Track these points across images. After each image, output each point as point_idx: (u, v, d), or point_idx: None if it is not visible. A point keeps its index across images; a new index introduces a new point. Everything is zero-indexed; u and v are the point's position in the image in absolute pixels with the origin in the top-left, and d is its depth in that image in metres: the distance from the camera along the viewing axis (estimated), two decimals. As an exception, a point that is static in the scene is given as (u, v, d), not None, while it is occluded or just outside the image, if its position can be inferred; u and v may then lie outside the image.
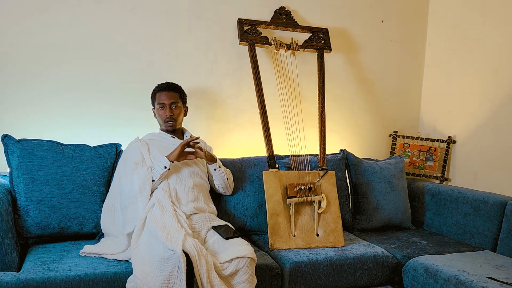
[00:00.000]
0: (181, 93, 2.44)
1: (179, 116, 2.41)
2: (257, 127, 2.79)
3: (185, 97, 2.48)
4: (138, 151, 2.30)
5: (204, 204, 2.27)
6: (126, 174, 2.22)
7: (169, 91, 2.39)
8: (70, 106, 2.61)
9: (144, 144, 2.33)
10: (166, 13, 2.76)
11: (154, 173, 2.18)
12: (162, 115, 2.37)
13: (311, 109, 3.02)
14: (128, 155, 2.32)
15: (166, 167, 2.18)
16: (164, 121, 2.38)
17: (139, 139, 2.38)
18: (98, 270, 1.93)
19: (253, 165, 2.68)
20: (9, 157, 2.24)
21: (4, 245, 1.93)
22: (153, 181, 2.17)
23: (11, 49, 2.48)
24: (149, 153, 2.30)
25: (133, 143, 2.37)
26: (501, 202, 2.58)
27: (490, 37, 2.95)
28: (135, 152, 2.31)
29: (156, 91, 2.42)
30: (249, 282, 1.91)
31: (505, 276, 2.07)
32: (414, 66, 3.43)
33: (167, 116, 2.36)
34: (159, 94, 2.39)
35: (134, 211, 2.13)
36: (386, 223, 2.89)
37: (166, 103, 2.36)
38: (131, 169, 2.22)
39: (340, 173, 2.85)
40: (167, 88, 2.40)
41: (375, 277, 2.36)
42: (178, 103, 2.39)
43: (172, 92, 2.39)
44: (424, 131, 3.45)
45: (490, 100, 2.95)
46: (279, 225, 2.43)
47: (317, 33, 2.99)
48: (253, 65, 2.75)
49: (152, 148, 2.32)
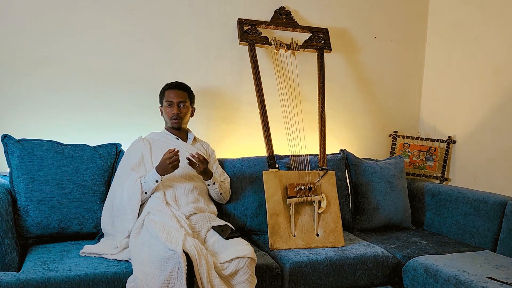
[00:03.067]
0: (189, 93, 2.46)
1: (186, 116, 2.43)
2: (257, 127, 2.79)
3: (193, 98, 2.50)
4: (139, 151, 2.30)
5: (204, 205, 2.28)
6: (120, 180, 2.21)
7: (178, 89, 2.41)
8: (70, 106, 2.61)
9: (146, 143, 2.33)
10: (166, 13, 2.76)
11: (145, 186, 2.14)
12: (169, 113, 2.38)
13: (311, 109, 3.02)
14: (128, 157, 2.32)
15: (157, 181, 2.15)
16: (170, 118, 2.39)
17: (142, 138, 2.38)
18: (98, 270, 1.93)
19: (253, 165, 2.68)
20: (9, 157, 2.24)
21: (4, 245, 1.93)
22: (146, 193, 2.15)
23: (11, 49, 2.48)
24: (151, 153, 2.29)
25: (135, 143, 2.36)
26: (501, 202, 2.58)
27: (490, 37, 2.96)
28: (134, 155, 2.30)
29: (165, 89, 2.43)
30: (249, 282, 1.91)
31: (505, 276, 2.07)
32: (414, 66, 3.44)
33: (174, 113, 2.37)
34: (168, 91, 2.41)
35: (123, 221, 2.13)
36: (386, 223, 2.89)
37: (174, 101, 2.37)
38: (126, 176, 2.21)
39: (340, 173, 2.85)
40: (177, 86, 2.42)
41: (375, 277, 2.36)
42: (186, 102, 2.41)
43: (182, 91, 2.41)
44: (424, 131, 3.45)
45: (490, 100, 2.95)
46: (279, 225, 2.43)
47: (317, 33, 2.99)
48: (253, 65, 2.75)
49: (154, 148, 2.31)
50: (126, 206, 2.13)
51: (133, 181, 2.15)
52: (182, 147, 2.37)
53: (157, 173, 2.14)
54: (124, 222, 2.13)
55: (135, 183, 2.14)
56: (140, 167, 2.25)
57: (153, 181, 2.15)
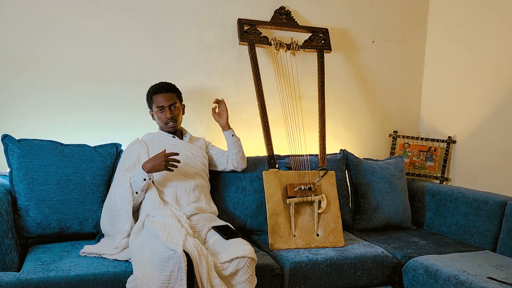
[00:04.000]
0: (177, 93, 2.42)
1: (179, 116, 2.41)
2: (257, 127, 2.79)
3: (181, 96, 2.46)
4: (136, 153, 2.29)
5: (205, 205, 2.27)
6: (116, 182, 2.22)
7: (166, 92, 2.35)
8: (70, 106, 2.61)
9: (143, 145, 2.32)
10: (166, 13, 2.75)
11: (134, 186, 2.12)
12: (163, 118, 2.35)
13: (311, 109, 3.02)
14: (124, 160, 2.31)
15: (145, 179, 2.12)
16: (165, 123, 2.36)
17: (138, 140, 2.38)
18: (98, 270, 1.93)
19: (253, 165, 2.68)
20: (9, 157, 2.24)
21: (4, 245, 1.93)
22: (137, 193, 2.13)
23: (11, 49, 2.48)
24: (148, 154, 2.28)
25: (132, 145, 2.35)
26: (501, 202, 2.58)
27: (490, 37, 2.96)
28: (130, 157, 2.29)
29: (152, 94, 2.37)
30: (249, 282, 1.91)
31: (505, 276, 2.07)
32: (414, 66, 3.44)
33: (168, 118, 2.34)
34: (156, 96, 2.35)
35: (119, 222, 2.13)
36: (386, 223, 2.89)
37: (165, 105, 2.33)
38: (121, 178, 2.20)
39: (340, 173, 2.85)
40: (163, 89, 2.36)
41: (375, 277, 2.36)
42: (176, 103, 2.37)
43: (169, 93, 2.36)
44: (424, 131, 3.45)
45: (490, 100, 2.95)
46: (279, 225, 2.43)
47: (317, 33, 2.99)
48: (253, 65, 2.75)
49: (151, 149, 2.31)
50: (119, 207, 2.13)
51: (123, 183, 2.14)
52: (180, 145, 2.37)
53: (143, 171, 2.11)
54: (120, 223, 2.13)
55: (124, 183, 2.13)
56: (135, 167, 2.23)
57: (140, 179, 2.11)
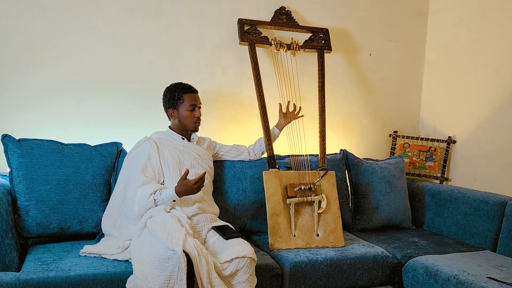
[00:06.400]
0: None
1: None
2: (257, 127, 2.79)
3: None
4: (146, 152, 2.26)
5: (208, 205, 2.28)
6: (132, 186, 2.18)
7: (195, 93, 2.41)
8: (70, 106, 2.61)
9: (153, 143, 2.29)
10: (166, 13, 2.75)
11: (161, 203, 2.12)
12: (193, 116, 2.36)
13: (311, 109, 3.02)
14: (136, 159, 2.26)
15: (175, 200, 2.13)
16: (194, 122, 2.38)
17: (147, 138, 2.35)
18: (98, 270, 1.93)
19: (253, 165, 2.68)
20: (9, 157, 2.23)
21: (4, 245, 1.93)
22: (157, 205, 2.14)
23: (11, 49, 2.48)
24: (158, 153, 2.26)
25: (141, 143, 2.31)
26: (501, 202, 2.58)
27: (490, 37, 2.96)
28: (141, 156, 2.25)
29: (183, 92, 2.37)
30: (249, 282, 1.91)
31: (505, 276, 2.07)
32: (414, 66, 3.44)
33: (198, 117, 2.37)
34: (187, 95, 2.36)
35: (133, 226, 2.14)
36: (386, 223, 2.89)
37: (197, 104, 2.38)
38: (137, 181, 2.17)
39: (340, 173, 2.85)
40: (193, 89, 2.41)
41: (375, 277, 2.36)
42: (201, 105, 2.43)
43: (197, 94, 2.41)
44: (424, 131, 3.45)
45: (490, 101, 2.95)
46: (279, 225, 2.43)
47: (317, 33, 2.99)
48: (253, 65, 2.75)
49: (161, 148, 2.29)
50: (136, 215, 2.13)
51: (145, 196, 2.11)
52: (188, 147, 2.37)
53: (176, 195, 2.10)
54: (131, 226, 2.15)
55: (147, 199, 2.10)
56: (147, 168, 2.22)
57: (170, 200, 2.12)
